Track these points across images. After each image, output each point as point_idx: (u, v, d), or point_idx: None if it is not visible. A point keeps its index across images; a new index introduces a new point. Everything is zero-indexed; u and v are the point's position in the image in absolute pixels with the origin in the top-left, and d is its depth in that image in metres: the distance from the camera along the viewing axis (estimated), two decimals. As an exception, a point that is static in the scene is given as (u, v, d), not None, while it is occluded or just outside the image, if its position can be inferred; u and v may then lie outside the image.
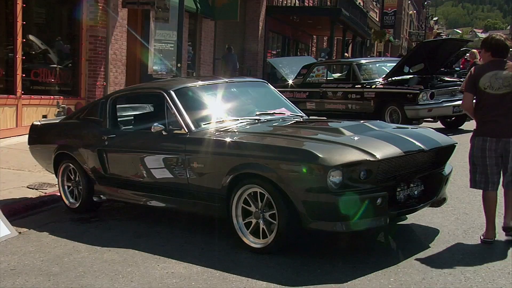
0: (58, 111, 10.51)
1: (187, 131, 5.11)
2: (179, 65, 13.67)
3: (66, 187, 6.33)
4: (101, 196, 5.96)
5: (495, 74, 4.63)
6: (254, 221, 4.59)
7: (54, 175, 6.57)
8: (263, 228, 4.53)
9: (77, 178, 6.17)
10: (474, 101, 4.83)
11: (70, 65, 11.81)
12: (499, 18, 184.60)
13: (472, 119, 5.11)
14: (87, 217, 6.01)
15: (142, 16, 13.76)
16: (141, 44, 13.40)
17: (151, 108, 6.74)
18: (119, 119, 6.14)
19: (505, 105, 4.60)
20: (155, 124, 5.23)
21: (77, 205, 6.19)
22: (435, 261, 4.27)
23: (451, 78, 12.30)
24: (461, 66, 17.81)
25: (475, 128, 4.83)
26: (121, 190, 5.77)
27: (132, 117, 6.49)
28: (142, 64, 13.63)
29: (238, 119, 5.33)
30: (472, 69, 4.89)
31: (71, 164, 6.20)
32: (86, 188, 6.05)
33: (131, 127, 6.25)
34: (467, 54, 15.51)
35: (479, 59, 16.86)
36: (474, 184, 4.80)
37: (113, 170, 5.81)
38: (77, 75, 11.71)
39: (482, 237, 4.70)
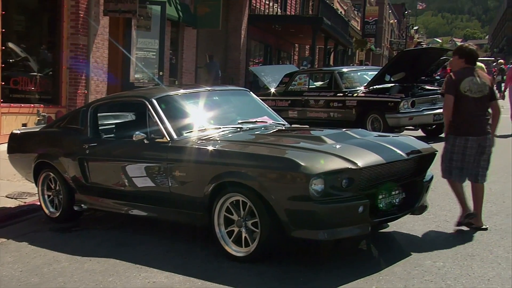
0: (38, 120, 10.41)
1: (169, 139, 5.09)
2: (161, 73, 13.66)
3: (46, 196, 6.27)
4: (82, 205, 5.90)
5: (472, 80, 5.21)
6: (236, 229, 4.57)
7: (34, 184, 6.50)
8: (245, 236, 4.51)
9: (57, 187, 6.11)
10: None
11: (51, 73, 11.70)
12: (477, 27, 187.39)
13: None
14: (67, 227, 5.95)
15: (123, 24, 13.71)
16: (122, 52, 13.34)
17: (133, 116, 6.71)
18: (100, 128, 6.10)
19: (480, 107, 5.20)
20: (136, 132, 5.21)
21: (58, 214, 6.13)
22: (416, 269, 4.29)
23: (431, 86, 12.42)
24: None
25: (453, 128, 5.24)
26: (102, 199, 5.72)
27: (114, 126, 6.46)
28: (124, 72, 13.56)
29: (220, 128, 5.33)
30: (452, 74, 5.34)
31: (51, 173, 6.14)
32: (66, 197, 5.99)
33: (112, 135, 6.21)
34: (447, 63, 15.71)
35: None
36: (449, 175, 5.26)
37: (94, 179, 5.77)
38: (58, 83, 11.60)
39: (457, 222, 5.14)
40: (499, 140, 10.64)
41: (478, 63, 18.50)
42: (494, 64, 28.10)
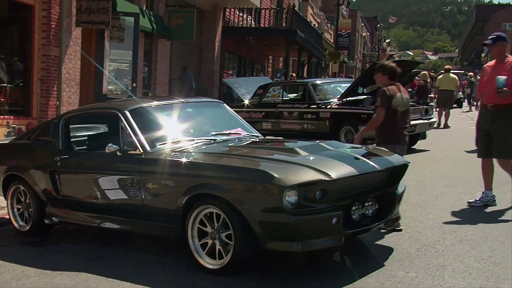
0: (8, 132, 10.23)
1: (142, 151, 5.05)
2: (134, 85, 13.56)
3: (15, 209, 6.16)
4: (53, 218, 5.81)
5: (401, 96, 5.86)
6: (210, 241, 4.55)
7: (2, 197, 6.37)
8: (219, 248, 4.49)
9: (27, 200, 6.01)
10: None
11: (21, 84, 11.52)
12: (447, 41, 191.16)
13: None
14: (37, 240, 5.84)
15: (96, 35, 13.60)
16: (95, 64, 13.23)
17: (106, 128, 6.65)
18: (72, 140, 6.03)
19: (403, 120, 5.88)
20: (109, 144, 5.16)
21: (27, 228, 6.02)
22: (389, 280, 4.32)
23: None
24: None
25: (383, 137, 5.81)
26: (74, 212, 5.64)
27: (86, 138, 6.39)
28: (97, 84, 13.44)
29: (194, 140, 5.31)
30: (386, 89, 5.85)
31: (21, 186, 6.04)
32: (37, 210, 5.89)
33: (84, 147, 6.14)
34: (418, 76, 15.96)
35: (429, 81, 17.36)
36: None
37: (65, 192, 5.69)
38: (29, 95, 11.43)
39: None
40: (471, 154, 10.78)
41: (451, 75, 18.83)
42: (464, 77, 28.63)
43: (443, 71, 18.17)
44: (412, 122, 11.35)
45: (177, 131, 5.46)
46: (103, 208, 5.39)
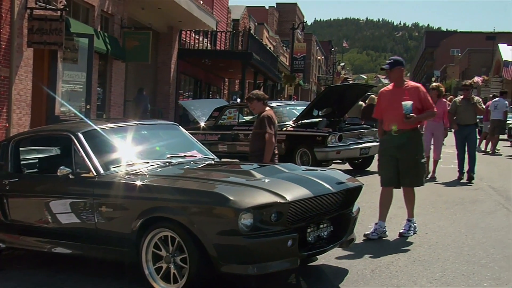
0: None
1: (95, 174, 4.96)
2: (88, 106, 13.37)
3: (-40, 235, 5.91)
4: (0, 244, 5.60)
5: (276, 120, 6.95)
6: (165, 265, 4.48)
7: None
8: (174, 272, 4.42)
9: (-27, 226, 5.78)
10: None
11: (-31, 105, 11.21)
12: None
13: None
14: (-16, 267, 5.62)
15: (49, 56, 13.37)
16: (47, 85, 12.98)
17: (58, 151, 6.51)
18: (22, 163, 5.87)
19: (275, 142, 6.93)
20: (61, 167, 5.05)
21: (-27, 254, 5.78)
22: (345, 301, 4.34)
23: (357, 121, 12.78)
24: None
25: (260, 159, 6.61)
26: (23, 237, 5.47)
27: (37, 160, 6.23)
28: (49, 105, 13.17)
29: (148, 162, 5.26)
30: (270, 116, 6.76)
31: (-33, 211, 5.81)
32: (-17, 236, 5.68)
33: (35, 170, 5.99)
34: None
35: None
36: None
37: (14, 216, 5.52)
38: (-23, 116, 11.12)
39: None
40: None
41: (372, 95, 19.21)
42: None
43: None
44: (366, 145, 11.64)
45: (131, 153, 5.39)
46: (54, 233, 5.24)
